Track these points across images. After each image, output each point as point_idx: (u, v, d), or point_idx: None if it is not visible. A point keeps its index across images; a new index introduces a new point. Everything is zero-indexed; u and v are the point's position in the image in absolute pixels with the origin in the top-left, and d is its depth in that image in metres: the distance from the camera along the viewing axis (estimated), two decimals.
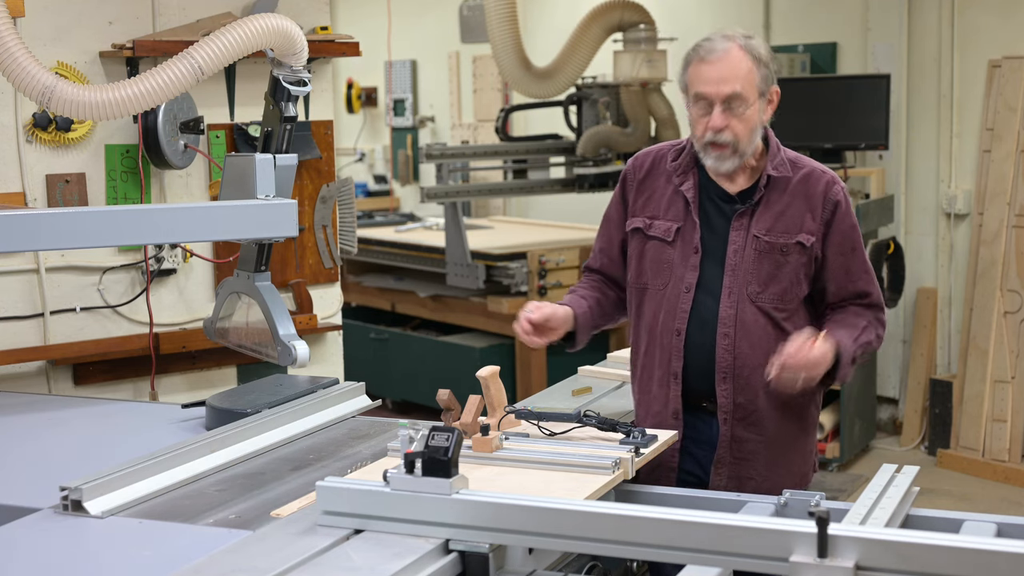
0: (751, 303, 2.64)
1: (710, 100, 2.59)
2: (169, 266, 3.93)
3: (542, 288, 6.05)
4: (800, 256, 2.64)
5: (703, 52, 2.61)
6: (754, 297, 2.64)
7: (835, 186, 2.68)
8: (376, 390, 5.42)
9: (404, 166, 8.98)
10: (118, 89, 2.92)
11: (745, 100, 2.58)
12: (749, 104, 2.59)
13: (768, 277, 2.64)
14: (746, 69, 2.58)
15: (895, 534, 1.78)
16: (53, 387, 3.77)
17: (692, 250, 2.68)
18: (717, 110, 2.58)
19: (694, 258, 2.67)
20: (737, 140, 2.60)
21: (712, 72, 2.58)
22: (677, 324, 2.67)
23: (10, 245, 2.96)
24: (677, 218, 2.71)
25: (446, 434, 2.00)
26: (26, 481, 2.54)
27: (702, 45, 2.63)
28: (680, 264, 2.69)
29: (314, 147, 4.18)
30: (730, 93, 2.57)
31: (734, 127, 2.59)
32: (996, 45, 5.87)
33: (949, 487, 5.51)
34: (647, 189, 2.77)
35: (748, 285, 2.64)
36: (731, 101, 2.58)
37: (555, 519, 1.94)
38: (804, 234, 2.64)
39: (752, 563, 1.82)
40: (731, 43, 2.60)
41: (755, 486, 2.64)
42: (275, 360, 3.18)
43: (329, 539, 2.02)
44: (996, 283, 5.75)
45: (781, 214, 2.65)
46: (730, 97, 2.57)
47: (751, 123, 2.60)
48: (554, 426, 2.57)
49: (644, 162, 2.80)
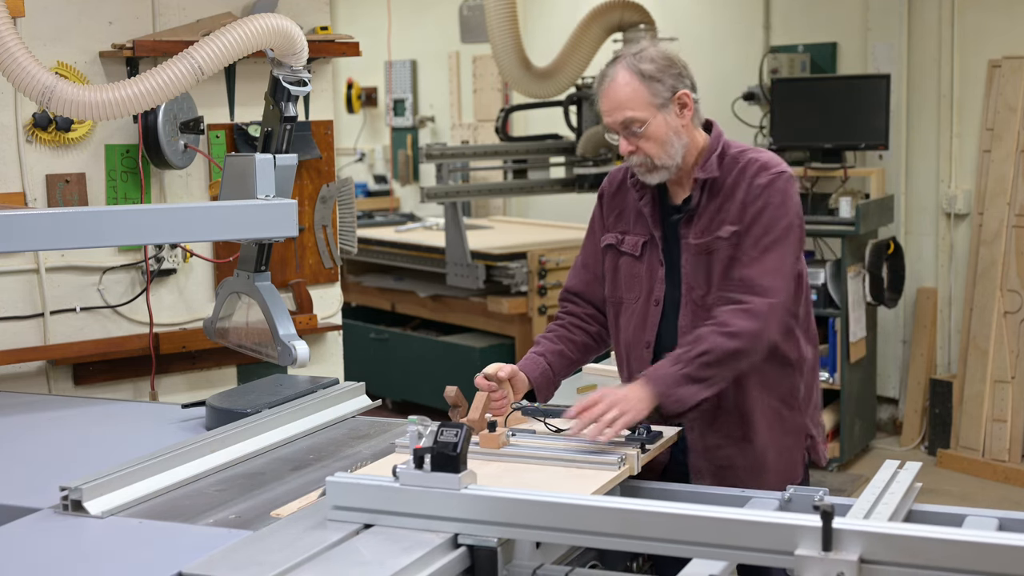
0: (700, 307, 2.65)
1: (614, 128, 2.64)
2: (169, 266, 3.93)
3: (542, 288, 6.05)
4: (726, 250, 2.62)
5: (597, 84, 2.68)
6: (700, 301, 2.65)
7: (763, 171, 2.64)
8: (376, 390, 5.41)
9: (404, 166, 8.98)
10: (118, 89, 2.92)
11: (640, 120, 2.61)
12: (647, 122, 2.61)
13: (705, 279, 2.65)
14: (630, 91, 2.61)
15: (899, 528, 1.79)
16: (53, 387, 3.77)
17: (658, 263, 2.72)
18: (621, 138, 2.64)
19: (660, 271, 2.72)
20: (650, 157, 2.63)
21: (605, 103, 2.65)
22: (647, 336, 2.72)
23: (10, 245, 2.96)
24: (643, 232, 2.75)
25: (455, 430, 2.02)
26: (26, 481, 2.53)
27: (599, 76, 2.69)
28: (648, 278, 2.73)
29: (314, 147, 4.18)
30: (623, 120, 2.62)
31: (642, 147, 2.63)
32: (996, 45, 5.87)
33: (949, 487, 5.51)
34: (618, 205, 2.82)
35: (693, 291, 2.66)
36: (628, 125, 2.62)
37: (562, 514, 1.96)
38: (728, 225, 2.63)
39: (757, 557, 1.83)
40: (618, 66, 2.64)
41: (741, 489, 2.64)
42: (275, 360, 3.18)
43: (339, 533, 2.03)
44: (996, 283, 5.75)
45: (716, 214, 2.65)
46: (625, 123, 2.62)
47: (658, 138, 2.62)
48: (561, 423, 2.59)
49: (615, 178, 2.84)
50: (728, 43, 6.95)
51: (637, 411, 2.45)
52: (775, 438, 2.71)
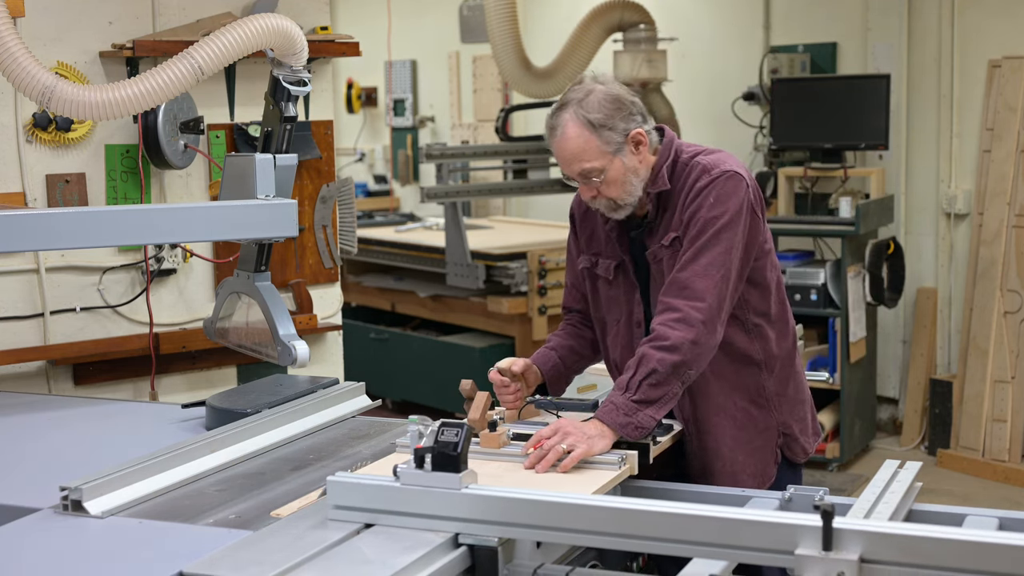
0: None
1: (572, 178, 2.60)
2: (169, 266, 3.93)
3: (542, 288, 6.05)
4: (669, 257, 2.61)
5: (548, 131, 2.61)
6: None
7: (703, 175, 2.59)
8: (376, 390, 5.42)
9: (404, 166, 8.97)
10: (118, 89, 2.92)
11: (597, 169, 2.57)
12: (604, 170, 2.57)
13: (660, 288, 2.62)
14: (582, 142, 2.55)
15: (899, 527, 1.79)
16: (53, 387, 3.77)
17: (631, 285, 2.71)
18: (580, 186, 2.60)
19: (635, 293, 2.71)
20: (612, 199, 2.60)
21: (558, 154, 2.61)
22: None
23: (10, 245, 2.96)
24: (614, 255, 2.73)
25: (455, 429, 2.03)
26: (26, 481, 2.54)
27: (548, 121, 2.61)
28: (626, 301, 2.73)
29: (314, 147, 4.18)
30: (580, 171, 2.57)
31: (603, 191, 2.60)
32: (996, 45, 5.87)
33: (949, 487, 5.51)
34: (588, 226, 2.81)
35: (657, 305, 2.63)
36: (586, 176, 2.58)
37: (562, 513, 1.96)
38: (670, 233, 2.61)
39: (757, 556, 1.84)
40: (565, 114, 2.57)
41: None
42: (275, 360, 3.18)
43: (340, 533, 2.04)
44: (996, 283, 5.75)
45: (668, 224, 2.64)
46: (583, 174, 2.58)
47: (617, 181, 2.58)
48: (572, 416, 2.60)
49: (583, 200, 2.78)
50: (728, 43, 6.95)
51: (595, 444, 2.40)
52: (745, 439, 2.70)
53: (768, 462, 2.74)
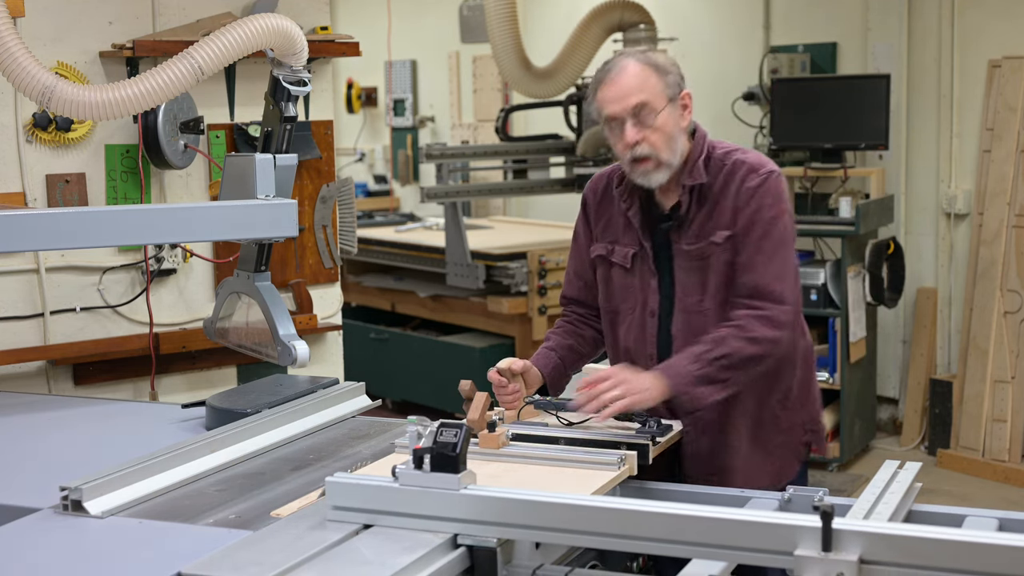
0: (697, 314, 2.65)
1: (620, 118, 2.60)
2: (169, 266, 3.93)
3: (542, 288, 6.05)
4: (721, 254, 2.62)
5: (602, 75, 2.63)
6: (695, 308, 2.66)
7: (751, 174, 2.62)
8: (376, 390, 5.42)
9: (404, 166, 8.98)
10: (118, 89, 2.92)
11: (653, 108, 2.58)
12: (658, 111, 2.59)
13: (699, 286, 2.65)
14: (643, 78, 2.59)
15: (899, 528, 1.79)
16: (53, 387, 3.77)
17: (650, 274, 2.71)
18: (628, 124, 2.59)
19: (653, 282, 2.71)
20: (656, 151, 2.60)
21: (614, 90, 2.60)
22: (648, 349, 2.71)
23: (10, 245, 2.96)
24: (632, 243, 2.73)
25: (454, 430, 2.03)
26: (26, 481, 2.54)
27: (601, 70, 2.65)
28: (641, 289, 2.72)
29: (314, 147, 4.18)
30: (635, 104, 2.58)
31: (649, 138, 2.59)
32: (996, 45, 5.87)
33: (949, 487, 5.51)
34: (604, 214, 2.80)
35: (688, 297, 2.66)
36: (639, 112, 2.58)
37: (562, 514, 1.96)
38: (722, 230, 2.62)
39: (757, 557, 1.84)
40: (627, 59, 2.63)
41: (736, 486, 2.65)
42: (275, 360, 3.18)
43: (339, 534, 2.03)
44: (996, 283, 5.75)
45: (707, 220, 2.64)
46: (636, 108, 2.58)
47: (666, 130, 2.60)
48: (572, 417, 2.62)
49: (598, 186, 2.81)
50: (728, 43, 6.95)
51: (642, 399, 2.46)
52: (764, 438, 2.72)
53: (788, 460, 2.76)
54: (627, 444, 2.44)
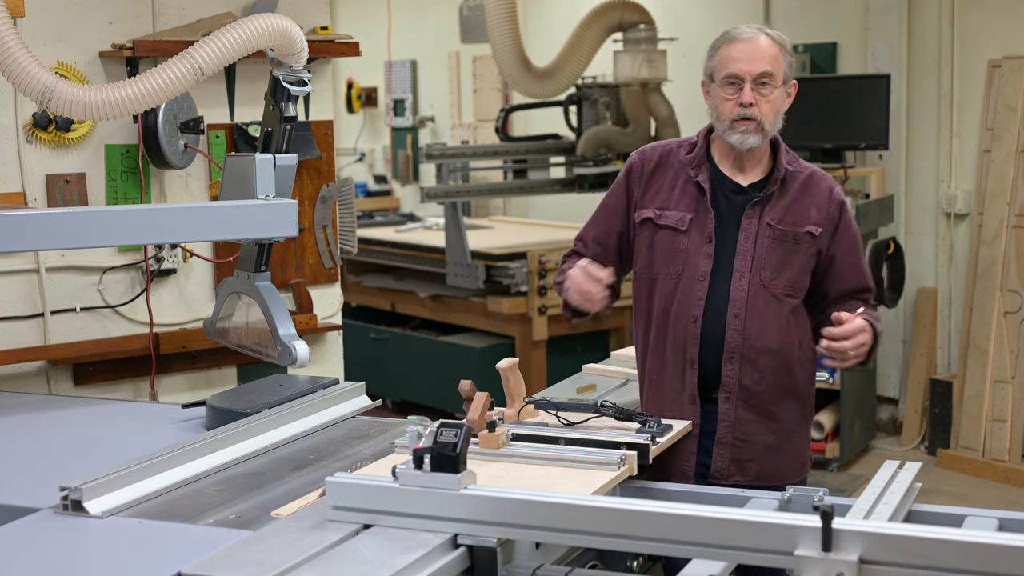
0: (764, 288, 2.72)
1: (741, 78, 2.70)
2: (169, 266, 3.93)
3: (542, 288, 6.05)
4: (810, 246, 2.75)
5: (734, 34, 2.76)
6: (767, 283, 2.72)
7: (837, 188, 2.83)
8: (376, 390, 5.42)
9: (404, 166, 8.98)
10: (118, 89, 2.92)
11: (774, 80, 2.71)
12: (776, 85, 2.72)
13: (780, 264, 2.73)
14: (775, 52, 2.73)
15: (899, 528, 1.79)
16: (53, 387, 3.77)
17: (706, 239, 2.76)
18: (747, 87, 2.70)
19: (708, 247, 2.75)
20: (763, 118, 2.71)
21: (744, 51, 2.72)
22: (693, 311, 2.74)
23: (10, 245, 2.96)
24: (689, 208, 2.78)
25: (454, 430, 2.03)
26: (26, 481, 2.53)
27: (731, 31, 2.77)
28: (694, 252, 2.76)
29: (314, 147, 4.18)
30: (762, 71, 2.70)
31: (761, 106, 2.71)
32: (996, 45, 5.87)
33: (949, 487, 5.51)
34: (656, 182, 2.84)
35: (761, 271, 2.73)
36: (761, 79, 2.70)
37: (562, 514, 1.96)
38: (812, 225, 2.75)
39: (757, 557, 1.84)
40: (756, 30, 2.76)
41: (756, 470, 2.73)
42: (275, 360, 3.18)
43: (339, 534, 2.04)
44: (996, 283, 5.75)
45: (789, 207, 2.76)
46: (761, 75, 2.70)
47: (776, 105, 2.74)
48: (572, 416, 2.63)
49: (652, 156, 2.88)
50: None
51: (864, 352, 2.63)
52: (798, 423, 2.79)
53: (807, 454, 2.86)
54: (627, 444, 2.44)
